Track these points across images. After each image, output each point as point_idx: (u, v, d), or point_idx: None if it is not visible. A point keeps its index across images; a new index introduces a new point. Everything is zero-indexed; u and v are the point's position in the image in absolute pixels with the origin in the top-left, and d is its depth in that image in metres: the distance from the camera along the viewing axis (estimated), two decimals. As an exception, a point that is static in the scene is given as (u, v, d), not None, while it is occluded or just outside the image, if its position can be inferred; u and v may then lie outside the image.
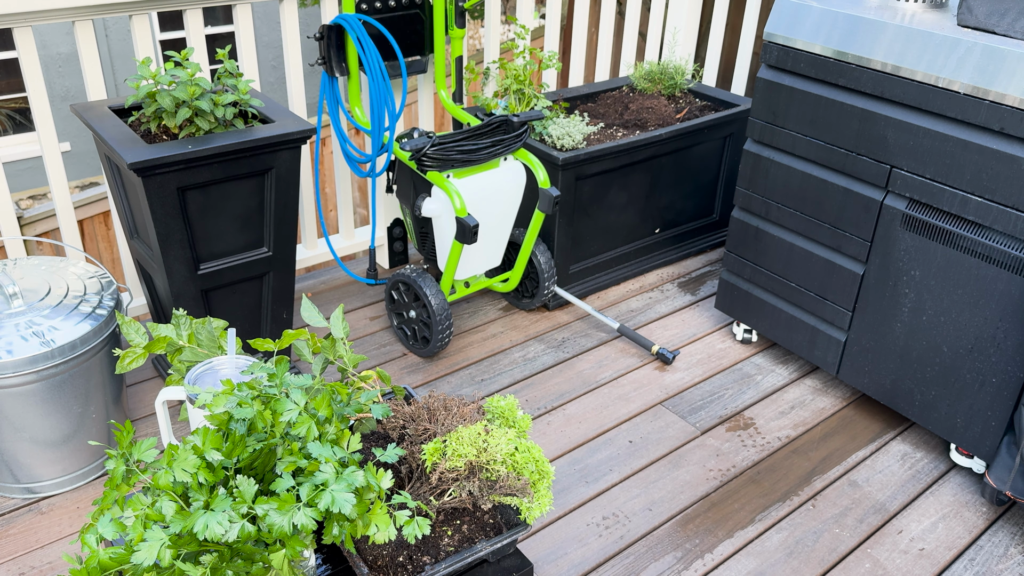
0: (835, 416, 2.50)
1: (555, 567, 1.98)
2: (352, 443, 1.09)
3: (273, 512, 0.96)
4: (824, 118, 2.24)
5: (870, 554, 2.04)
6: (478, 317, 2.94)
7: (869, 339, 2.33)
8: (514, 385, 2.60)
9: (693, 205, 3.27)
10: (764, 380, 2.65)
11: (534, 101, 2.92)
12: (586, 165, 2.76)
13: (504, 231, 2.66)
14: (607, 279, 3.12)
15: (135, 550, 0.93)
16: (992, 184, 1.93)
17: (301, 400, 1.07)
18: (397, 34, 2.69)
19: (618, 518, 2.12)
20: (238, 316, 2.31)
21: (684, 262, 3.34)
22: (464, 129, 2.49)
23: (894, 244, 2.18)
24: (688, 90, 3.37)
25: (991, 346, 2.05)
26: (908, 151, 2.08)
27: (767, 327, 2.65)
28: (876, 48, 2.08)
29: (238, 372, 1.23)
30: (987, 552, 2.05)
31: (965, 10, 1.97)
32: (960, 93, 1.94)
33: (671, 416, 2.48)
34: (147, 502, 0.98)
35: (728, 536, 2.08)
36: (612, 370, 2.68)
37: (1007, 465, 2.03)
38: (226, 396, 1.08)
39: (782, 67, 2.31)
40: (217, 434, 1.02)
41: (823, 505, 2.18)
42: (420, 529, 1.07)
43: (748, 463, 2.31)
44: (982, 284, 2.02)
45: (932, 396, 2.23)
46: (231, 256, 2.21)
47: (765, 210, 2.49)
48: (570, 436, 2.39)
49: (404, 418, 1.29)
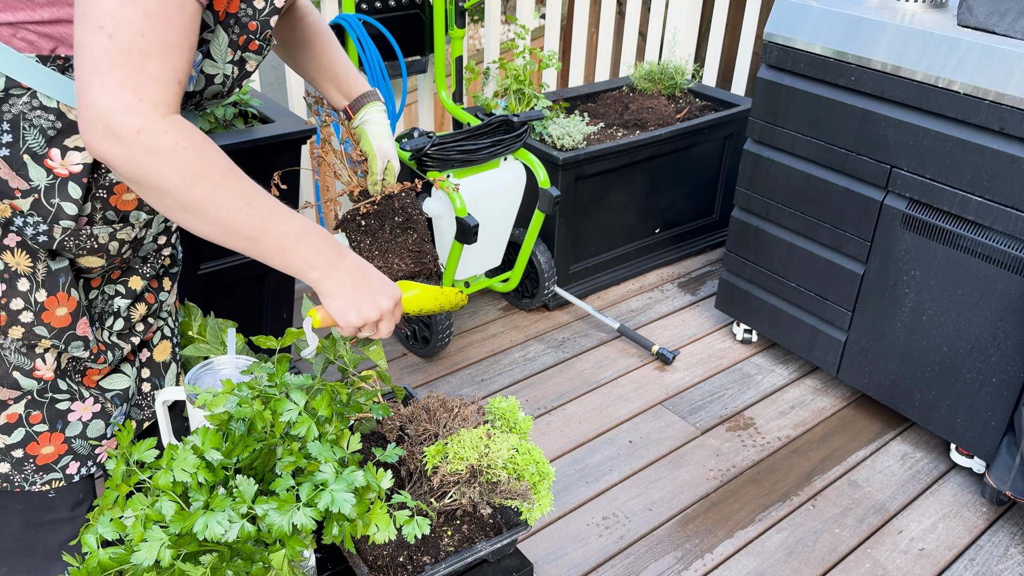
0: (835, 416, 2.50)
1: (555, 567, 1.98)
2: (352, 443, 1.09)
3: (273, 512, 0.96)
4: (824, 118, 2.24)
5: (870, 554, 2.04)
6: (478, 317, 2.94)
7: (869, 339, 2.33)
8: (514, 385, 2.60)
9: (693, 205, 3.27)
10: (764, 380, 2.65)
11: (534, 101, 2.92)
12: (586, 165, 2.76)
13: (504, 231, 2.66)
14: (607, 279, 3.12)
15: (135, 550, 0.93)
16: (992, 184, 1.93)
17: (301, 400, 1.07)
18: (397, 34, 2.69)
19: (618, 518, 2.12)
20: (238, 316, 2.31)
21: (684, 262, 3.34)
22: (464, 129, 2.49)
23: (894, 244, 2.18)
24: (688, 90, 3.37)
25: (991, 346, 2.05)
26: (908, 151, 2.08)
27: (767, 327, 2.65)
28: (876, 48, 2.08)
29: (238, 372, 1.23)
30: (987, 552, 2.05)
31: (965, 10, 1.97)
32: (960, 93, 1.94)
33: (671, 416, 2.48)
34: (147, 502, 0.98)
35: (728, 536, 2.08)
36: (612, 370, 2.68)
37: (1007, 465, 2.03)
38: (226, 396, 1.08)
39: (782, 67, 2.31)
40: (217, 434, 1.02)
41: (823, 505, 2.18)
42: (420, 529, 1.07)
43: (748, 463, 2.31)
44: (982, 284, 2.02)
45: (932, 396, 2.23)
46: (231, 256, 2.21)
47: (765, 210, 2.49)
48: (570, 436, 2.39)
49: (403, 418, 1.29)
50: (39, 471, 1.15)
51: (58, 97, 0.99)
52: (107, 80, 0.86)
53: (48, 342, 1.11)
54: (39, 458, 1.15)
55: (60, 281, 1.09)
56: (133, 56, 0.86)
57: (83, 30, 0.86)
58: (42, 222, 1.03)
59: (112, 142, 0.88)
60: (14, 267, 1.05)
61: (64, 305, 1.10)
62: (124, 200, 1.10)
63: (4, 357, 1.08)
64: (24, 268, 1.06)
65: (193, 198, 0.94)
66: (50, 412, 1.14)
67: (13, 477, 1.14)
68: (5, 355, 1.08)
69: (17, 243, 1.04)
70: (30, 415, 1.12)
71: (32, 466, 1.15)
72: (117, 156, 0.89)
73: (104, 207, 1.09)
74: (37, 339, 1.09)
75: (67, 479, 1.18)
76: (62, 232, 1.05)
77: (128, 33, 0.86)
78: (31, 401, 1.12)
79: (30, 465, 1.14)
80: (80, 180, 1.03)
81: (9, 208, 1.02)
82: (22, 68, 0.96)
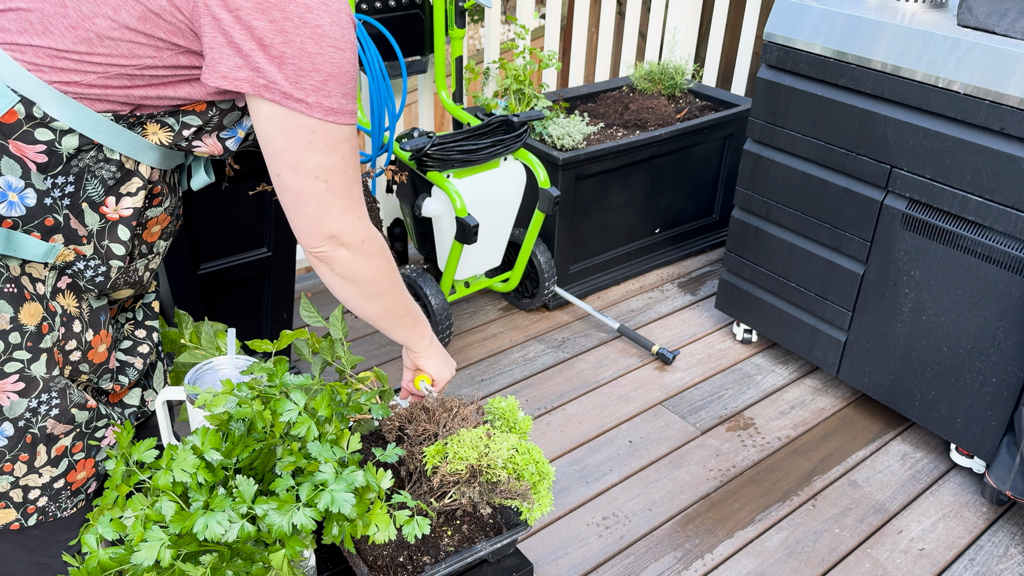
0: (835, 416, 2.50)
1: (555, 567, 1.98)
2: (352, 443, 1.09)
3: (273, 512, 0.96)
4: (824, 118, 2.24)
5: (870, 554, 2.04)
6: (478, 317, 2.94)
7: (869, 339, 2.33)
8: (514, 385, 2.60)
9: (693, 205, 3.27)
10: (764, 380, 2.65)
11: (534, 101, 2.92)
12: (586, 165, 2.76)
13: (504, 231, 2.66)
14: (607, 279, 3.11)
15: (135, 550, 0.93)
16: (992, 184, 1.93)
17: (301, 400, 1.07)
18: (397, 34, 2.69)
19: (618, 518, 2.12)
20: (238, 316, 2.31)
21: (684, 262, 3.34)
22: (464, 129, 2.49)
23: (894, 244, 2.18)
24: (688, 90, 3.37)
25: (991, 346, 2.05)
26: (908, 151, 2.08)
27: (767, 327, 2.65)
28: (876, 48, 2.08)
29: (238, 372, 1.23)
30: (987, 552, 2.05)
31: (965, 10, 1.97)
32: (960, 93, 1.94)
33: (671, 416, 2.48)
34: (147, 502, 0.98)
35: (728, 536, 2.08)
36: (612, 370, 2.68)
37: (1007, 465, 2.03)
38: (226, 396, 1.08)
39: (782, 67, 2.31)
40: (217, 434, 1.02)
41: (823, 505, 2.18)
42: (420, 529, 1.07)
43: (748, 463, 2.31)
44: (982, 284, 2.02)
45: (932, 396, 2.23)
46: (231, 256, 2.20)
47: (765, 210, 2.49)
48: (570, 436, 2.39)
49: (403, 418, 1.29)
50: (71, 496, 1.17)
51: (122, 151, 1.07)
52: (333, 211, 1.07)
53: (86, 377, 1.16)
54: (74, 484, 1.17)
55: (101, 320, 1.17)
56: (344, 189, 1.07)
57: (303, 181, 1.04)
58: (101, 264, 1.11)
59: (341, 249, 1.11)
60: (68, 309, 1.11)
61: (104, 342, 1.18)
62: (152, 232, 1.19)
63: (69, 395, 1.12)
64: (73, 309, 1.12)
65: (384, 288, 1.20)
66: (90, 440, 1.17)
67: (49, 508, 1.15)
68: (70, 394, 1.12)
69: (68, 285, 1.10)
70: (74, 446, 1.15)
71: (67, 492, 1.16)
72: (343, 258, 1.12)
73: (140, 242, 1.17)
74: (79, 375, 1.15)
75: (87, 499, 1.20)
76: (117, 272, 1.13)
77: (337, 175, 1.06)
78: (79, 433, 1.15)
79: (66, 492, 1.16)
80: (129, 223, 1.12)
81: (73, 252, 1.08)
82: (96, 127, 1.03)
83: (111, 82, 1.00)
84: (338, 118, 1.02)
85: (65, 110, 1.00)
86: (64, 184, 1.04)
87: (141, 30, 0.98)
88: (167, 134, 1.10)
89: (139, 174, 1.11)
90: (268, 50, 0.95)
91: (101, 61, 0.99)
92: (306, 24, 0.95)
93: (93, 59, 0.98)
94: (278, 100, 0.98)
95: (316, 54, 0.97)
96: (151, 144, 1.09)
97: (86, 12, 0.96)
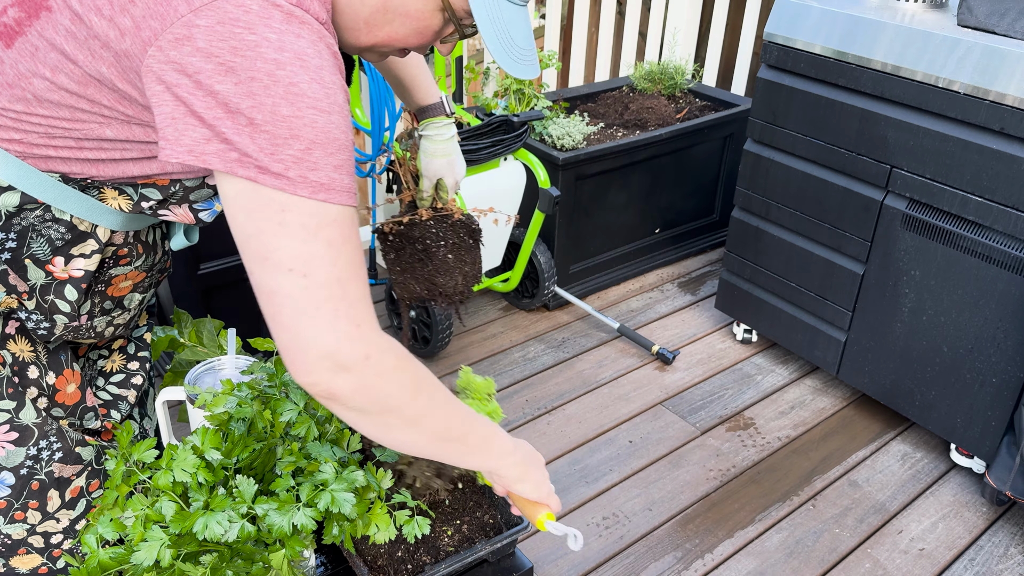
0: (835, 416, 2.50)
1: (555, 567, 1.98)
2: (352, 443, 1.09)
3: (273, 512, 0.96)
4: (824, 118, 2.24)
5: (870, 554, 2.04)
6: (478, 317, 2.94)
7: (869, 339, 2.33)
8: (514, 385, 2.60)
9: (693, 205, 3.27)
10: (764, 380, 2.65)
11: (534, 101, 2.92)
12: (586, 165, 2.76)
13: (504, 231, 2.66)
14: (607, 279, 3.11)
15: (135, 550, 0.93)
16: (992, 184, 1.93)
17: (300, 400, 1.07)
18: (397, 34, 2.68)
19: (618, 518, 2.12)
20: (238, 316, 2.30)
21: (684, 262, 3.34)
22: (464, 129, 2.49)
23: (894, 244, 2.18)
24: (688, 90, 3.37)
25: (991, 346, 2.05)
26: (908, 151, 2.08)
27: (767, 327, 2.65)
28: (876, 48, 2.08)
29: (238, 372, 1.23)
30: (987, 552, 2.05)
31: (965, 10, 1.97)
32: (960, 93, 1.94)
33: (671, 416, 2.48)
34: (147, 502, 0.98)
35: (728, 536, 2.08)
36: (612, 370, 2.68)
37: (1007, 465, 2.03)
38: (226, 396, 1.08)
39: (782, 67, 2.31)
40: (217, 434, 1.02)
41: (823, 505, 2.18)
42: (420, 528, 1.07)
43: (748, 463, 2.31)
44: (982, 284, 2.02)
45: (932, 396, 2.23)
46: (231, 256, 2.20)
47: (765, 210, 2.49)
48: (570, 436, 2.39)
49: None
50: None
51: (73, 212, 0.97)
52: (318, 318, 0.82)
53: (66, 422, 1.11)
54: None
55: (62, 359, 1.09)
56: (334, 287, 0.83)
57: (271, 278, 0.82)
58: (43, 320, 1.03)
59: (341, 375, 0.85)
60: (19, 355, 1.04)
61: (72, 380, 1.10)
62: (120, 288, 1.10)
63: (67, 435, 1.09)
64: (28, 355, 1.05)
65: (418, 409, 0.93)
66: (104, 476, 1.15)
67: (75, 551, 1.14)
68: (68, 433, 1.09)
69: (17, 329, 1.04)
70: (90, 484, 1.14)
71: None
72: (346, 387, 0.86)
73: (102, 299, 1.08)
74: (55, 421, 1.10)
75: None
76: (63, 328, 1.05)
77: (321, 267, 0.82)
78: (92, 471, 1.14)
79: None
80: (79, 285, 1.02)
81: (16, 300, 1.02)
82: (41, 186, 0.95)
83: (56, 143, 0.92)
84: (330, 196, 0.83)
85: (4, 167, 0.92)
86: (4, 240, 0.96)
87: (83, 95, 0.88)
88: (126, 201, 1.00)
89: (95, 236, 1.00)
90: (235, 117, 0.79)
91: (41, 122, 0.90)
92: (277, 83, 0.79)
93: (32, 119, 0.90)
94: (253, 177, 0.81)
95: (293, 117, 0.80)
96: (109, 208, 0.99)
97: (23, 71, 0.88)
